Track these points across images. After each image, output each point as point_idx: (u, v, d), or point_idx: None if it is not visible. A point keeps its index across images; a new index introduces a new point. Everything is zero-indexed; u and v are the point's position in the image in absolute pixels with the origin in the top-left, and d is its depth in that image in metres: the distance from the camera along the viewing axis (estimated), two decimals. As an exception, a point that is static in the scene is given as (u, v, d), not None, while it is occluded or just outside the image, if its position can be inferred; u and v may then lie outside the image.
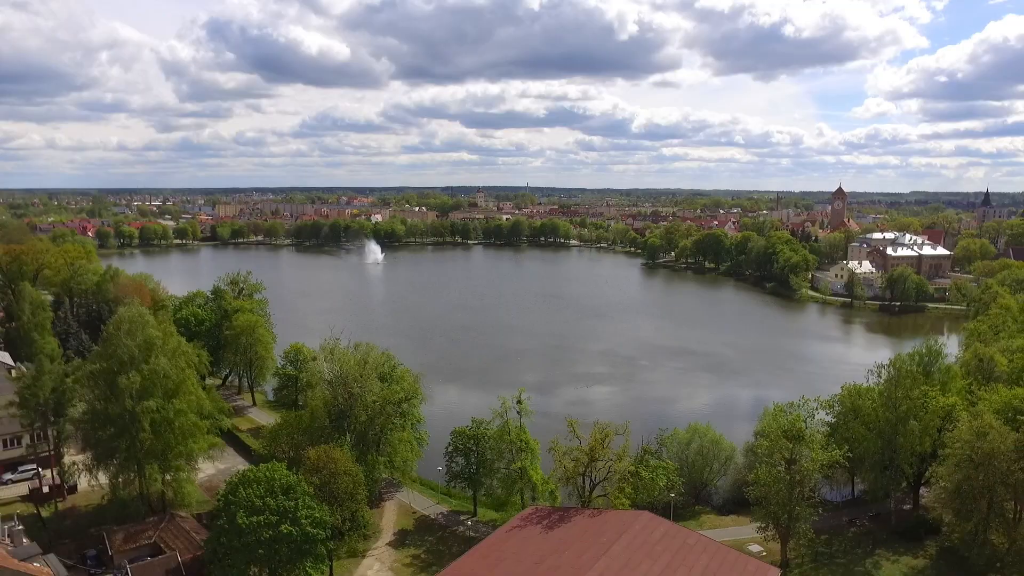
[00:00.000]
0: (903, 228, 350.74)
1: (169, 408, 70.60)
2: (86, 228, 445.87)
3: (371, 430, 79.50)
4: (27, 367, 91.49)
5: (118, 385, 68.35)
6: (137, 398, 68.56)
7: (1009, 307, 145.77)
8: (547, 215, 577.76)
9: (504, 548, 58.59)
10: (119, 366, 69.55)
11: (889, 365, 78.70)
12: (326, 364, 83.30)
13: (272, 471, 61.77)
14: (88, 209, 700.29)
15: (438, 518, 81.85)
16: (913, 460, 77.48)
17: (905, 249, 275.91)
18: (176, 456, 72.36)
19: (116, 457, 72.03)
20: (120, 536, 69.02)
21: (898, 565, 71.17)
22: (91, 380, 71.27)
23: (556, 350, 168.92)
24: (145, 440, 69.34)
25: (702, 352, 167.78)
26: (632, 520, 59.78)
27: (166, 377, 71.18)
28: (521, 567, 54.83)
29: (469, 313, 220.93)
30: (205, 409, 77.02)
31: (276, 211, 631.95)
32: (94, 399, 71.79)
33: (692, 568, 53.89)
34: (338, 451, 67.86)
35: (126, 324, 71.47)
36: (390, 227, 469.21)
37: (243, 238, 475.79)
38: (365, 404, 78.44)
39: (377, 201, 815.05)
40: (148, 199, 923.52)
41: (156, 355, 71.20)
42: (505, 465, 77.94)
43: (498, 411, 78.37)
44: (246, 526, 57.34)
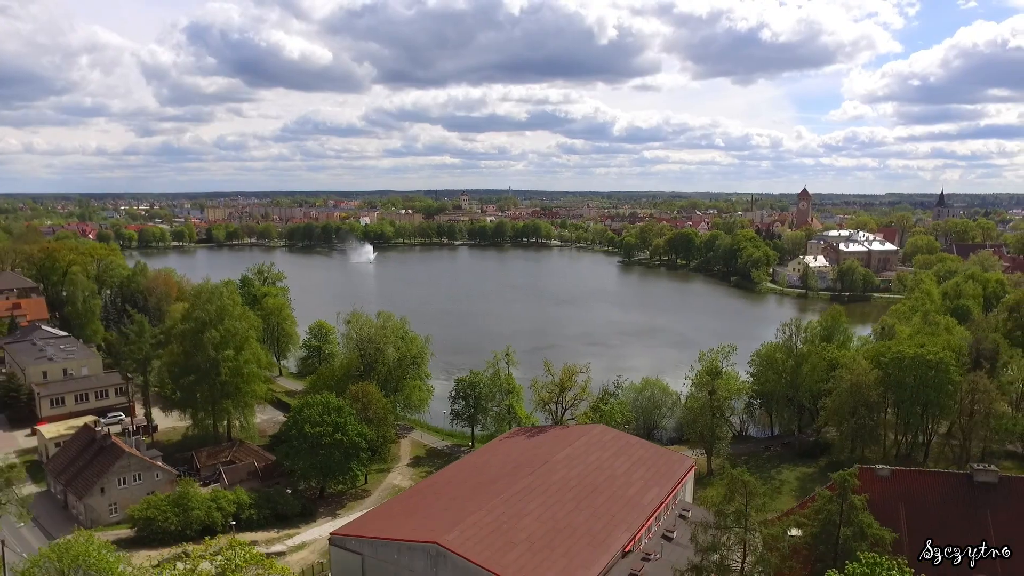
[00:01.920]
0: (861, 227, 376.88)
1: (239, 358, 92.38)
2: (85, 231, 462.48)
3: (391, 379, 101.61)
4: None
5: (203, 340, 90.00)
6: (217, 349, 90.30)
7: (930, 292, 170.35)
8: (529, 217, 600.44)
9: (495, 448, 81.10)
10: (202, 326, 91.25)
11: (791, 323, 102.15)
12: (353, 329, 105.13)
13: (326, 398, 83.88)
14: (78, 213, 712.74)
15: (443, 448, 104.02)
16: (809, 396, 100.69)
17: (856, 245, 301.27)
18: (244, 395, 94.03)
19: (198, 398, 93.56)
20: (204, 454, 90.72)
21: (794, 472, 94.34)
22: (180, 337, 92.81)
23: (537, 334, 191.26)
24: (223, 382, 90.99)
25: (666, 332, 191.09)
26: (590, 429, 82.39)
27: (236, 334, 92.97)
28: (507, 458, 77.26)
29: (458, 303, 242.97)
30: (262, 361, 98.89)
31: (266, 215, 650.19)
32: (181, 352, 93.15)
33: (631, 455, 76.58)
34: (372, 386, 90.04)
35: (206, 294, 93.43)
36: (379, 229, 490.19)
37: (237, 240, 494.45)
38: (386, 358, 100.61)
39: (364, 204, 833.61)
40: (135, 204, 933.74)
41: (228, 317, 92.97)
42: (496, 404, 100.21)
43: (491, 362, 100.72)
44: (311, 434, 79.36)
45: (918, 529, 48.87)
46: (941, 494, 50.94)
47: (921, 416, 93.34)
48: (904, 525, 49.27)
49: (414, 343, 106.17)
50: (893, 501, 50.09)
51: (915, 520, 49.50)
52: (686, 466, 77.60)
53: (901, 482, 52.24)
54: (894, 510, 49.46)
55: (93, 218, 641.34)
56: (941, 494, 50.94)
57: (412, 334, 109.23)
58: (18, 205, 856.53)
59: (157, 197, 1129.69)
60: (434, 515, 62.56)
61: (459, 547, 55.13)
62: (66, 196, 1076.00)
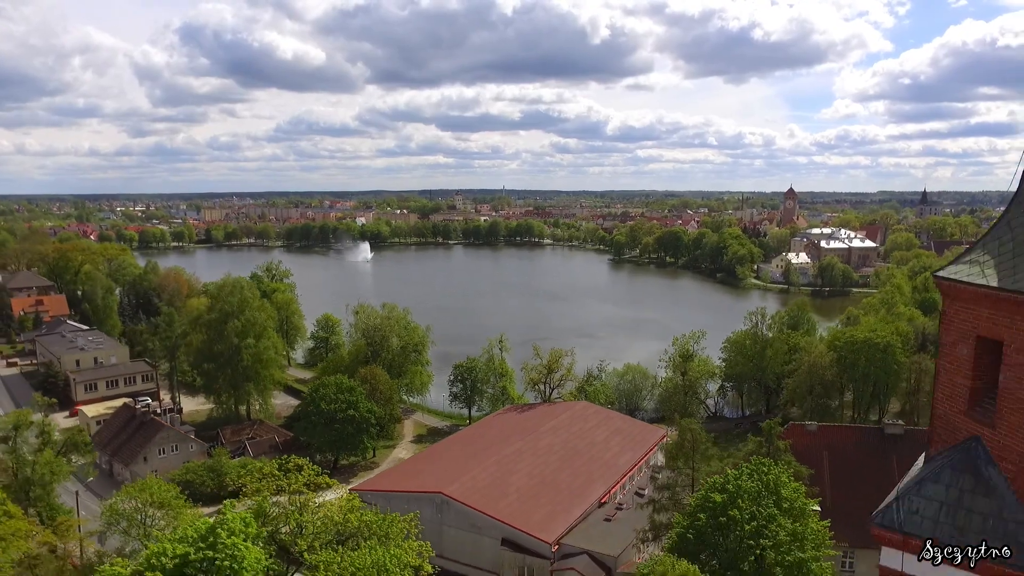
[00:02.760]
0: (844, 224, 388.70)
1: (259, 345, 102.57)
2: (86, 232, 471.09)
3: (395, 364, 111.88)
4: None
5: (226, 329, 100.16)
6: (239, 337, 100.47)
7: (900, 286, 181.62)
8: (523, 216, 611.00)
9: (490, 422, 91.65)
10: (225, 316, 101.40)
11: (757, 312, 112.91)
12: (361, 319, 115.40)
13: (339, 379, 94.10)
14: (75, 215, 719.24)
15: (443, 428, 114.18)
16: (774, 378, 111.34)
17: (837, 242, 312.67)
18: (263, 379, 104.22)
19: (220, 382, 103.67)
20: (228, 431, 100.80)
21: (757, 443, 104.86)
22: (205, 326, 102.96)
23: (530, 327, 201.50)
24: (245, 367, 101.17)
25: (652, 324, 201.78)
26: (574, 405, 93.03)
27: (256, 324, 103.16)
28: (500, 429, 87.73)
29: (454, 299, 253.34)
30: (279, 349, 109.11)
31: (262, 215, 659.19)
32: (206, 340, 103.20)
33: (609, 426, 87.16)
34: (379, 369, 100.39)
35: (228, 288, 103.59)
36: (375, 228, 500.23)
37: (236, 240, 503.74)
38: (391, 346, 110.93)
39: (359, 204, 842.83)
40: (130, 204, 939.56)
41: (249, 309, 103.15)
42: (491, 387, 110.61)
43: (486, 348, 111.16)
44: (326, 410, 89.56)
45: (838, 472, 59.63)
46: (857, 444, 61.64)
47: (872, 395, 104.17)
48: (827, 469, 59.92)
49: (416, 332, 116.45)
50: (818, 450, 60.70)
51: (836, 465, 60.17)
52: (658, 435, 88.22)
53: (825, 435, 62.98)
54: (819, 457, 60.05)
55: (91, 219, 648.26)
56: (857, 444, 61.64)
57: (414, 324, 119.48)
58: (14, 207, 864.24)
59: (151, 198, 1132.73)
60: (438, 473, 72.95)
61: (460, 496, 65.58)
62: (59, 197, 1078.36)
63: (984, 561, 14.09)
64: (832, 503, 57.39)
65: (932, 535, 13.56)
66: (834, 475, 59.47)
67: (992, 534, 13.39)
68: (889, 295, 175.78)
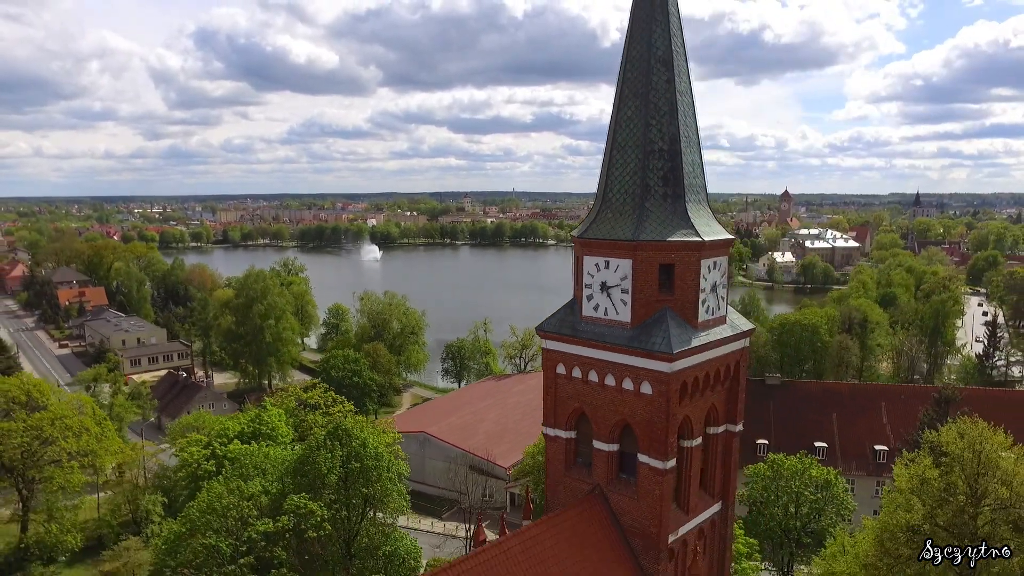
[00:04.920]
0: (835, 226, 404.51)
1: (279, 326, 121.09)
2: (109, 233, 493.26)
3: (395, 344, 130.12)
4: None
5: (252, 311, 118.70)
6: (262, 319, 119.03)
7: (864, 282, 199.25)
8: (529, 218, 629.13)
9: (471, 388, 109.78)
10: (251, 301, 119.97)
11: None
12: (365, 305, 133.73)
13: (346, 352, 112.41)
14: (95, 216, 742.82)
15: (435, 399, 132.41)
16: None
17: (821, 242, 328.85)
18: (282, 355, 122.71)
19: (246, 358, 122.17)
20: (253, 398, 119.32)
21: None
22: (234, 310, 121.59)
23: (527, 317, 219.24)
24: (267, 344, 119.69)
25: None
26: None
27: (276, 308, 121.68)
28: (477, 391, 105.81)
29: (457, 294, 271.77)
30: (295, 330, 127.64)
31: (276, 217, 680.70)
32: (234, 321, 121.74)
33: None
34: (380, 346, 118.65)
35: (253, 277, 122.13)
36: (386, 229, 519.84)
37: (251, 241, 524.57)
38: (391, 328, 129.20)
39: (370, 206, 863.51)
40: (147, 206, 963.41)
41: (270, 295, 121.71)
42: (476, 363, 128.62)
43: (472, 330, 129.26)
44: (335, 376, 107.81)
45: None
46: (747, 392, 79.39)
47: (803, 370, 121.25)
48: (719, 411, 77.77)
49: (413, 316, 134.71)
50: (713, 396, 78.54)
51: (726, 408, 77.98)
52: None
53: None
54: (713, 402, 77.87)
55: (110, 221, 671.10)
56: (747, 392, 79.39)
57: (412, 310, 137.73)
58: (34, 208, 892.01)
59: (166, 200, 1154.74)
60: (423, 420, 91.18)
61: (438, 434, 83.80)
62: (77, 199, 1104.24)
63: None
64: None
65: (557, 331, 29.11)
66: (724, 415, 77.28)
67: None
68: (853, 290, 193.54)
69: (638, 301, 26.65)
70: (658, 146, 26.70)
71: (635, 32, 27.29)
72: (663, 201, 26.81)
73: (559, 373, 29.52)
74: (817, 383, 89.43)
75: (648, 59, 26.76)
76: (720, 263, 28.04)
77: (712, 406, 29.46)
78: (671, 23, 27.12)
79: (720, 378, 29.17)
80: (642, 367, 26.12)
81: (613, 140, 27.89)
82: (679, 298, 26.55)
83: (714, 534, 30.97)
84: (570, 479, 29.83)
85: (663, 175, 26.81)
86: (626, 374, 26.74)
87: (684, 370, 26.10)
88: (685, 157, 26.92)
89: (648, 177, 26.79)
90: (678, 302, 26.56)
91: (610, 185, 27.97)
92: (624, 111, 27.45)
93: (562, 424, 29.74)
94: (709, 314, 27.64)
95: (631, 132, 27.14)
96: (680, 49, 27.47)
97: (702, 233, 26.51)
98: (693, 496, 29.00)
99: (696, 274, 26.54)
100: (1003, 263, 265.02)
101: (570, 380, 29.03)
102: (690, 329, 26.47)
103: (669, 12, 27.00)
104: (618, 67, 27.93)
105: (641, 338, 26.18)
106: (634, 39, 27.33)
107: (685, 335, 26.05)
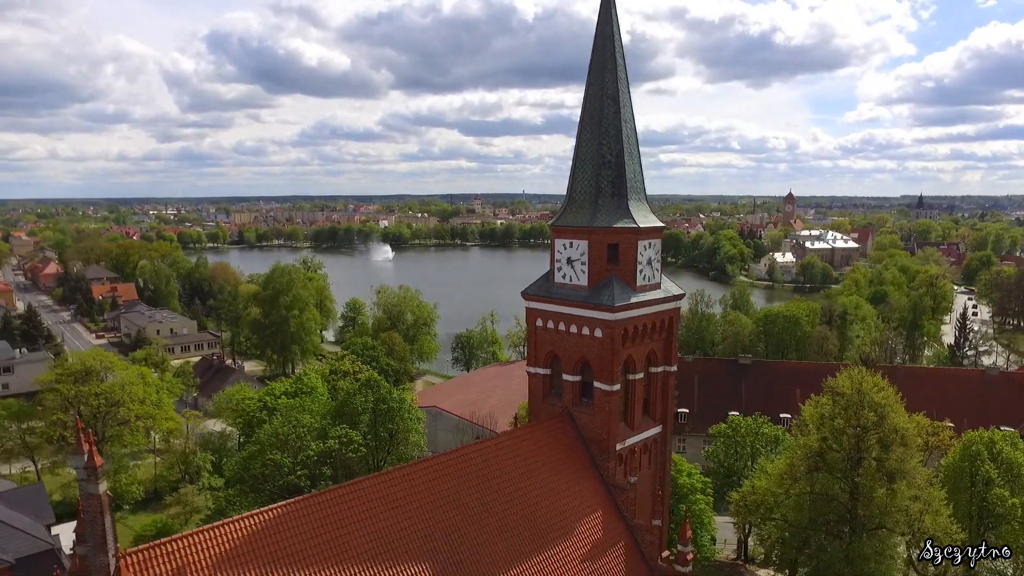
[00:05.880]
0: (837, 228, 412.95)
1: (303, 316, 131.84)
2: (130, 234, 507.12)
3: (408, 334, 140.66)
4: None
5: (278, 302, 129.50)
6: (287, 309, 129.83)
7: (857, 280, 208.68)
8: (538, 220, 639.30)
9: (477, 374, 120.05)
10: (277, 293, 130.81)
11: (697, 293, 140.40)
12: (381, 298, 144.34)
13: (364, 339, 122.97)
14: (112, 218, 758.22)
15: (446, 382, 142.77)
16: (710, 344, 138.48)
17: (821, 243, 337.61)
18: (305, 343, 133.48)
19: (272, 345, 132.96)
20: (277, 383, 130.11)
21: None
22: (261, 301, 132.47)
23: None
24: (291, 333, 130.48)
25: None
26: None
27: (300, 299, 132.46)
28: (484, 375, 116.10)
29: (466, 290, 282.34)
30: (317, 320, 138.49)
31: (290, 218, 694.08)
32: (261, 312, 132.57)
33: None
34: (395, 335, 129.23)
35: (279, 270, 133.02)
36: (397, 231, 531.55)
37: (267, 242, 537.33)
38: (405, 319, 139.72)
39: (382, 208, 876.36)
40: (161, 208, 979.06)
41: (295, 287, 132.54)
42: (483, 352, 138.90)
43: (480, 321, 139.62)
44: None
45: (706, 389, 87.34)
46: (721, 371, 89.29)
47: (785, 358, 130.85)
48: (697, 388, 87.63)
49: (425, 309, 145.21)
50: (692, 375, 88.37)
51: (705, 386, 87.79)
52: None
53: (699, 365, 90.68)
54: (692, 380, 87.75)
55: (127, 222, 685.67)
56: (721, 371, 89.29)
57: (424, 303, 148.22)
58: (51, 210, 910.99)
59: (179, 202, 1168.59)
60: (435, 398, 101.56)
61: (448, 408, 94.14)
62: (92, 201, 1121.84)
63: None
64: (698, 407, 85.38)
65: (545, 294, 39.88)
66: (701, 389, 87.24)
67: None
68: (847, 288, 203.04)
69: (592, 270, 36.97)
70: (607, 159, 37.04)
71: (592, 77, 37.70)
72: (611, 199, 37.13)
73: (538, 326, 39.85)
74: (785, 363, 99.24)
75: (601, 96, 37.15)
76: (654, 244, 38.29)
77: (652, 351, 39.61)
78: (618, 69, 37.50)
79: (657, 329, 39.27)
80: (595, 317, 36.42)
81: (576, 154, 38.28)
82: (622, 268, 36.83)
83: (656, 449, 41.18)
84: (546, 405, 40.22)
85: (611, 180, 37.16)
86: (584, 323, 37.05)
87: (625, 320, 36.36)
88: (627, 167, 37.24)
89: (600, 181, 37.13)
90: (621, 271, 36.83)
91: (574, 187, 38.34)
92: (584, 134, 37.85)
93: (540, 363, 40.12)
94: (646, 281, 37.87)
95: (588, 149, 37.53)
96: (624, 88, 37.81)
97: (639, 222, 36.78)
98: (637, 417, 39.24)
99: (635, 251, 36.80)
100: (996, 263, 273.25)
101: (546, 330, 39.37)
102: (630, 291, 36.72)
103: (617, 63, 37.36)
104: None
105: (594, 297, 36.49)
106: (591, 82, 37.74)
107: (625, 294, 36.31)
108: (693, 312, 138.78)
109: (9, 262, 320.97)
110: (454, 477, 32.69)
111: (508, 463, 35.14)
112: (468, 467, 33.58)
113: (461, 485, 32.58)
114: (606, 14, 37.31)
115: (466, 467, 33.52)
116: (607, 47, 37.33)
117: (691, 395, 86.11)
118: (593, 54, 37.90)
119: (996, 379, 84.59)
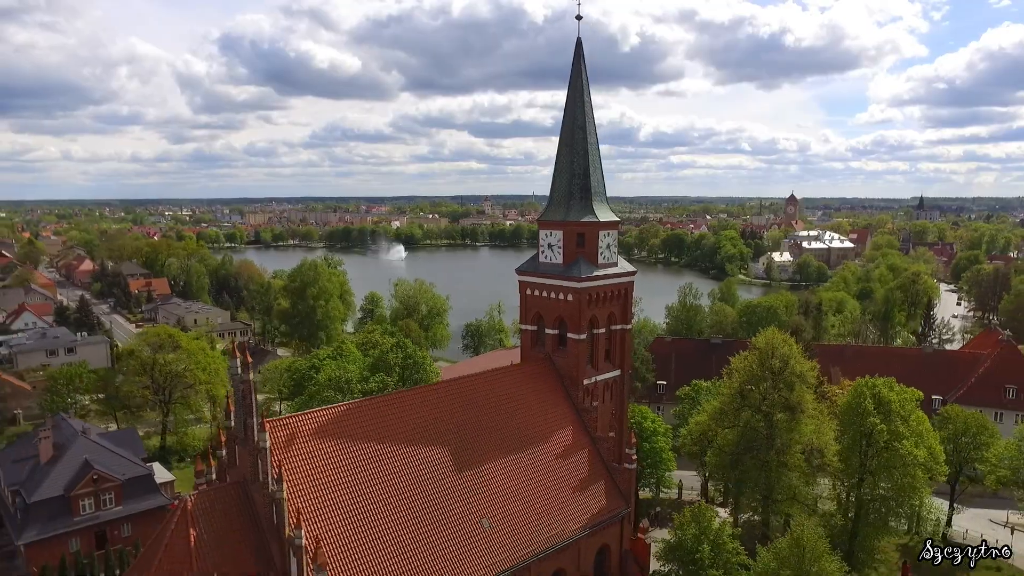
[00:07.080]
0: (836, 229, 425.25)
1: (328, 306, 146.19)
2: (150, 234, 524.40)
3: (423, 324, 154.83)
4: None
5: (306, 293, 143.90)
6: (314, 300, 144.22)
7: (846, 277, 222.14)
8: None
9: (485, 356, 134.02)
10: (304, 285, 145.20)
11: (685, 286, 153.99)
12: (399, 290, 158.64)
13: (384, 326, 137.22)
14: (130, 218, 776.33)
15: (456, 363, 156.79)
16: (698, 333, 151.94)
17: (818, 243, 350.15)
18: (330, 331, 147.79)
19: (298, 334, 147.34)
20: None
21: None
22: (289, 292, 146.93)
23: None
24: (318, 321, 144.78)
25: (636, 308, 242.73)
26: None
27: (325, 291, 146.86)
28: (492, 358, 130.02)
29: (475, 285, 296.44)
30: (339, 310, 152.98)
31: (303, 219, 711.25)
32: (290, 303, 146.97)
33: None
34: (412, 322, 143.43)
35: (306, 265, 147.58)
36: (409, 231, 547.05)
37: (282, 241, 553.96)
38: (420, 310, 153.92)
39: (393, 209, 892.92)
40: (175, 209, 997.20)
41: (320, 279, 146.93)
42: (491, 339, 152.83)
43: (488, 311, 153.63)
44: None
45: (681, 365, 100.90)
46: (695, 350, 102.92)
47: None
48: (674, 364, 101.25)
49: (439, 300, 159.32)
50: (670, 353, 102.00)
51: (680, 362, 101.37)
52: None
53: (676, 344, 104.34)
54: (670, 357, 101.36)
55: (144, 223, 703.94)
56: (695, 350, 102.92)
57: (438, 295, 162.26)
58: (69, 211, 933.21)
59: (191, 203, 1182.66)
60: (445, 374, 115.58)
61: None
62: (105, 202, 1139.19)
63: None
64: (675, 379, 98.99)
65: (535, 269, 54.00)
66: (677, 365, 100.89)
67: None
68: (835, 285, 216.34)
69: (566, 252, 50.90)
70: (577, 172, 50.98)
71: (567, 112, 51.64)
72: (580, 201, 51.06)
73: (528, 293, 53.83)
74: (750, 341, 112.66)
75: (572, 126, 51.11)
76: (612, 233, 52.14)
77: (612, 312, 53.46)
78: (586, 104, 51.39)
79: (615, 296, 53.10)
80: (568, 286, 50.30)
81: (555, 168, 52.22)
82: (588, 251, 50.69)
83: (616, 387, 55.01)
84: (533, 353, 54.16)
85: (580, 187, 51.09)
86: (560, 291, 50.95)
87: (589, 288, 50.22)
88: (592, 177, 51.15)
89: (572, 188, 51.06)
90: (587, 253, 50.71)
91: (553, 192, 52.33)
92: (560, 153, 51.82)
93: (529, 321, 54.11)
94: (605, 260, 51.74)
95: (563, 164, 51.49)
96: (591, 116, 51.68)
97: (600, 217, 50.66)
98: (601, 362, 53.11)
99: (596, 238, 50.67)
100: (983, 263, 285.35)
101: (533, 297, 53.33)
102: (593, 267, 50.59)
103: (584, 100, 51.28)
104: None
105: (567, 271, 50.38)
106: (566, 114, 51.68)
107: (590, 270, 50.19)
108: (683, 304, 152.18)
109: (42, 260, 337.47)
110: (466, 393, 46.88)
111: (507, 387, 49.19)
112: (477, 386, 47.74)
113: (470, 398, 46.72)
114: (577, 66, 51.22)
115: (476, 386, 47.70)
116: (577, 86, 51.25)
117: (669, 369, 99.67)
118: (568, 93, 51.79)
119: (932, 356, 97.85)
